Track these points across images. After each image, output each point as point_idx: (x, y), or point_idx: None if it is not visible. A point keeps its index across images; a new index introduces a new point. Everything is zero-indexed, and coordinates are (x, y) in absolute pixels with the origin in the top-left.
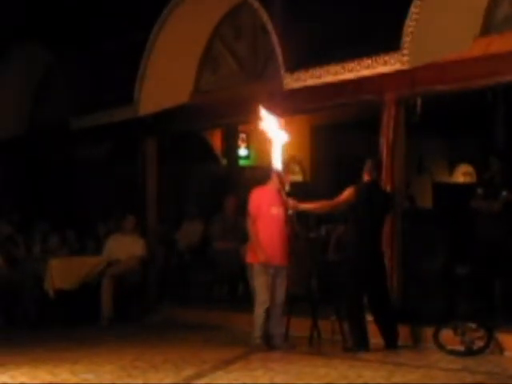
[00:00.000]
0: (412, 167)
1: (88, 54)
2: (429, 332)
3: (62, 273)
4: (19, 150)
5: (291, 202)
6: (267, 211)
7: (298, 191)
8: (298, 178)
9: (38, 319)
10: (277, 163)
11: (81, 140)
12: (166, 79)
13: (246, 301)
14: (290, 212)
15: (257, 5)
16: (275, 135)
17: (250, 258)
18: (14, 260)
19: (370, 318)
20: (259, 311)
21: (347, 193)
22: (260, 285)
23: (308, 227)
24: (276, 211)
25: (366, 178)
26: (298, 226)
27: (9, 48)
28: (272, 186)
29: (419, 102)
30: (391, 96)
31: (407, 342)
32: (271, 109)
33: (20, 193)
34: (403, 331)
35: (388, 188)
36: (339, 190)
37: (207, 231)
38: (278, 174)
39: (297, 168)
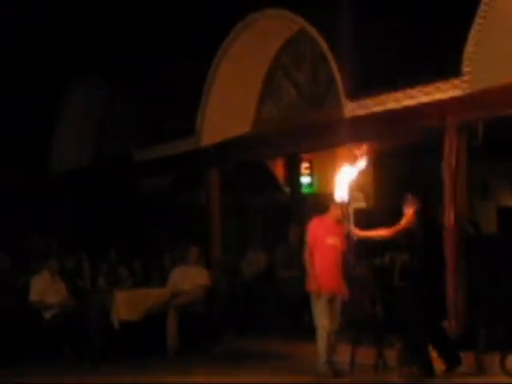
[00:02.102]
0: (476, 192)
1: (148, 86)
2: (495, 358)
3: (128, 304)
4: (83, 183)
5: (353, 229)
6: (323, 241)
7: (362, 218)
8: (362, 205)
9: (104, 351)
10: (341, 192)
11: (144, 172)
12: (228, 109)
13: (311, 330)
14: (354, 239)
15: (315, 33)
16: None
17: (308, 287)
18: (80, 292)
19: None
20: (320, 337)
21: (406, 220)
22: (318, 311)
23: (373, 254)
24: (332, 241)
25: (409, 210)
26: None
27: (70, 83)
28: (331, 215)
29: (481, 126)
30: (453, 121)
31: (472, 368)
32: (332, 137)
33: (85, 226)
34: (468, 358)
35: (451, 214)
36: (402, 216)
37: (271, 260)
38: (338, 204)
39: (360, 195)
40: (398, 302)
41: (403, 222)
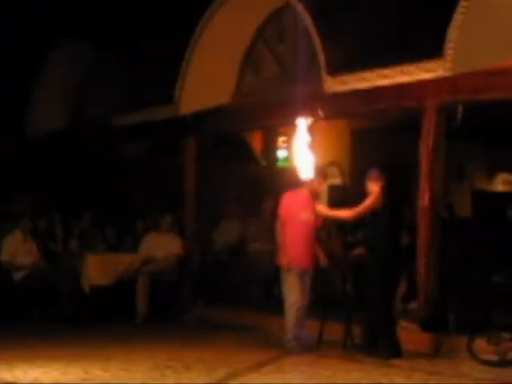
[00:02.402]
0: (451, 175)
1: (128, 53)
2: (463, 341)
3: (99, 269)
4: (61, 145)
5: (318, 207)
6: (296, 215)
7: (337, 194)
8: (337, 181)
9: (74, 315)
10: (308, 168)
11: (121, 137)
12: (208, 79)
13: (280, 303)
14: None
15: (300, 8)
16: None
17: (278, 261)
18: (52, 254)
19: (403, 323)
20: (290, 313)
21: (371, 200)
22: (288, 286)
23: (345, 232)
24: (305, 216)
25: (373, 187)
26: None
27: (50, 47)
28: (305, 189)
29: (460, 109)
30: (432, 103)
31: (441, 350)
32: (311, 112)
33: (60, 188)
34: (438, 340)
35: (426, 195)
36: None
37: (244, 232)
38: (313, 179)
39: (336, 171)
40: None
41: (368, 201)
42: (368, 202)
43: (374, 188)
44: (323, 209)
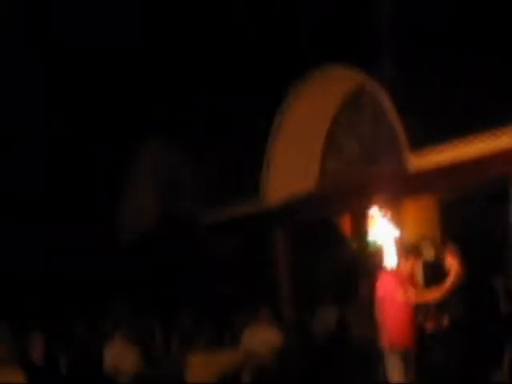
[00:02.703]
0: None
1: (214, 150)
2: None
3: (202, 368)
4: (151, 248)
5: (409, 294)
6: (393, 296)
7: (432, 271)
8: (431, 256)
9: None
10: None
11: (212, 233)
12: (291, 168)
13: None
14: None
15: (376, 88)
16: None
17: (381, 343)
18: (154, 358)
19: None
20: None
21: (454, 275)
22: (392, 367)
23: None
24: (402, 296)
25: (452, 261)
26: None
27: (138, 144)
28: (400, 269)
29: None
30: None
31: None
32: (395, 191)
33: (156, 288)
34: None
35: None
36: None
37: (343, 317)
38: (408, 257)
39: (429, 246)
40: None
41: (452, 278)
42: (452, 279)
43: (452, 262)
44: (412, 294)
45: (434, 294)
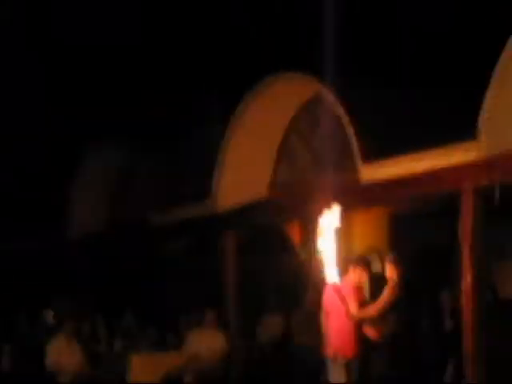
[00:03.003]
0: (494, 256)
1: (166, 150)
2: None
3: (144, 369)
4: (99, 247)
5: (352, 309)
6: (338, 306)
7: (381, 282)
8: (379, 268)
9: None
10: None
11: (160, 236)
12: (243, 173)
13: None
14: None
15: (331, 98)
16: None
17: (325, 351)
18: (96, 356)
19: None
20: None
21: (390, 293)
22: (336, 377)
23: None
24: (349, 307)
25: (391, 272)
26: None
27: (88, 145)
28: (348, 280)
29: (497, 190)
30: (469, 185)
31: None
32: (346, 201)
33: (101, 289)
34: None
35: (469, 278)
36: (422, 277)
37: (288, 325)
38: (356, 268)
39: (376, 257)
40: None
41: (386, 295)
42: (388, 291)
43: (391, 274)
44: (354, 309)
45: (373, 309)
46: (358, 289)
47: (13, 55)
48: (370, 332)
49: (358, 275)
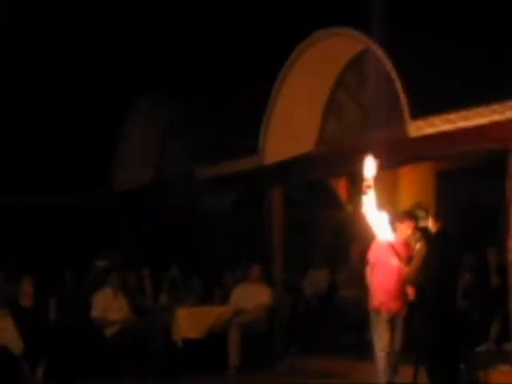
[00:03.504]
0: None
1: (212, 104)
2: None
3: (190, 322)
4: (145, 200)
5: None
6: (386, 261)
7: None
8: (425, 224)
9: (166, 368)
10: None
11: (206, 190)
12: (291, 128)
13: (372, 349)
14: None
15: (380, 53)
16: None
17: (369, 305)
18: (142, 309)
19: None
20: (379, 358)
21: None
22: (378, 331)
23: None
24: (395, 262)
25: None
26: None
27: (135, 100)
28: (396, 236)
29: None
30: None
31: None
32: (394, 156)
33: (148, 242)
34: None
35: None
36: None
37: (333, 279)
38: (404, 224)
39: (423, 214)
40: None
41: (417, 256)
42: (418, 257)
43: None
44: (405, 266)
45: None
46: (406, 244)
47: None
48: (410, 290)
49: (405, 230)
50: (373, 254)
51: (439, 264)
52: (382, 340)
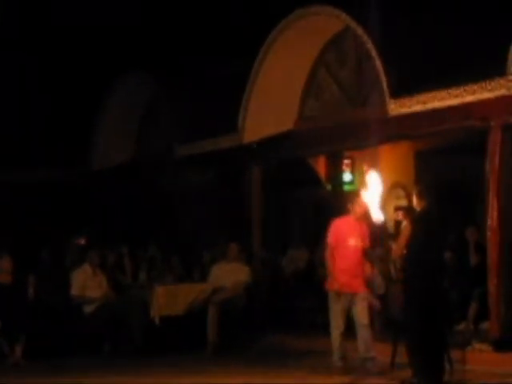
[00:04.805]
0: None
1: (192, 82)
2: None
3: (168, 300)
4: (125, 178)
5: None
6: (345, 241)
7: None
8: (404, 202)
9: (144, 346)
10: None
11: (185, 167)
12: (270, 106)
13: (352, 326)
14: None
15: (360, 31)
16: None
17: (328, 286)
18: (121, 287)
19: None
20: (334, 336)
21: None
22: (334, 311)
23: None
24: (353, 242)
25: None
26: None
27: (114, 78)
28: (352, 215)
29: None
30: (497, 122)
31: None
32: (374, 135)
33: (127, 220)
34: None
35: (495, 215)
36: (447, 212)
37: (313, 257)
38: (359, 203)
39: (402, 193)
40: None
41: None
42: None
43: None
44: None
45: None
46: (361, 221)
47: None
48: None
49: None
50: (332, 236)
51: (423, 243)
52: (336, 319)
